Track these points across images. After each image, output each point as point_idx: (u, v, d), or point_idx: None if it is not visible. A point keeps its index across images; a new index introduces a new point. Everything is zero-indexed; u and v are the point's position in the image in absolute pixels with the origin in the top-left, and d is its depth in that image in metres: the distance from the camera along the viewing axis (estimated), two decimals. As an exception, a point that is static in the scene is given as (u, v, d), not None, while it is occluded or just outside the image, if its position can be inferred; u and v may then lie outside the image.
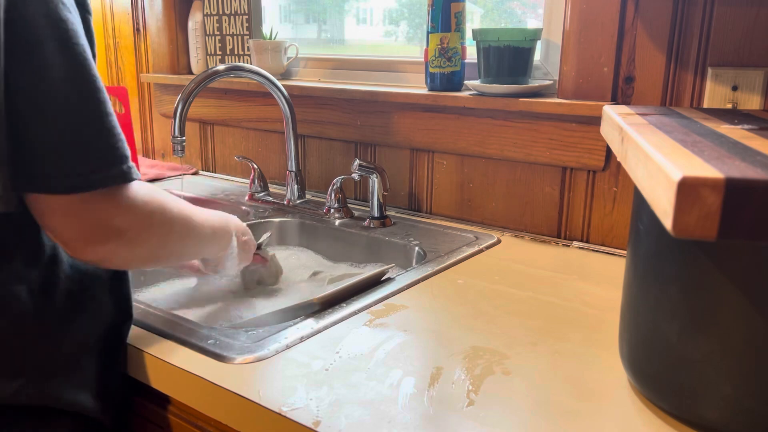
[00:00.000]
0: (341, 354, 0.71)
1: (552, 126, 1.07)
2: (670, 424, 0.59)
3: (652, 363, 0.59)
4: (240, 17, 1.51)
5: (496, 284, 0.91)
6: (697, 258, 0.53)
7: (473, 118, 1.15)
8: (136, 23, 1.71)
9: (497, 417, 0.59)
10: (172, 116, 1.13)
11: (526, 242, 1.11)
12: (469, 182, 1.20)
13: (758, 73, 0.90)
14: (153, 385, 0.72)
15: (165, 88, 1.66)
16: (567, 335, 0.76)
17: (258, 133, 1.51)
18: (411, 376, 0.66)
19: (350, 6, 1.63)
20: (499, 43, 1.10)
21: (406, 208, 1.30)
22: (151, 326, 0.77)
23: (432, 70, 1.18)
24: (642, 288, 0.60)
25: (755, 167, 0.43)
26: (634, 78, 1.00)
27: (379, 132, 1.28)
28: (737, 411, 0.54)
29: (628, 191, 1.03)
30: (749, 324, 0.52)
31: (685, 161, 0.44)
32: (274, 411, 0.60)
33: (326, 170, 1.40)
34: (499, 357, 0.70)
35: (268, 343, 0.72)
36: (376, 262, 1.12)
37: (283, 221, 1.25)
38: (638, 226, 0.61)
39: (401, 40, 1.56)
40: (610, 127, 0.67)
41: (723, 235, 0.41)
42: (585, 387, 0.65)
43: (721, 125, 0.61)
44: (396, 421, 0.58)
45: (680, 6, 0.95)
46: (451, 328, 0.77)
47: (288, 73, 1.51)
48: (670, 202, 0.42)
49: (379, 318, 0.80)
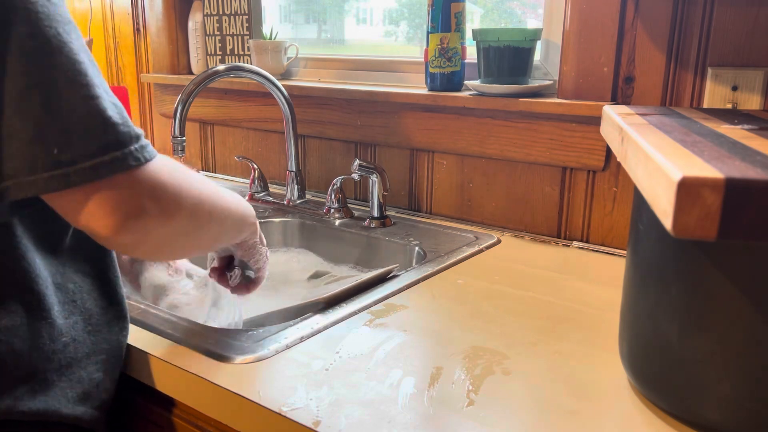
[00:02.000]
0: (341, 354, 0.71)
1: (552, 126, 1.07)
2: (670, 424, 0.59)
3: (652, 363, 0.59)
4: (240, 17, 1.51)
5: (496, 284, 0.91)
6: (697, 258, 0.53)
7: (473, 118, 1.15)
8: (136, 23, 1.71)
9: (497, 417, 0.59)
10: (172, 116, 1.13)
11: (526, 242, 1.11)
12: (469, 182, 1.20)
13: (758, 73, 0.90)
14: (152, 385, 0.72)
15: (165, 88, 1.66)
16: (567, 335, 0.76)
17: (258, 133, 1.51)
18: (411, 376, 0.66)
19: (350, 6, 1.63)
20: (499, 43, 1.10)
21: (406, 208, 1.30)
22: (150, 326, 0.77)
23: (432, 70, 1.18)
24: (642, 288, 0.60)
25: (755, 167, 0.43)
26: (634, 78, 1.00)
27: (379, 132, 1.29)
28: (737, 411, 0.54)
29: (628, 191, 1.03)
30: (749, 324, 0.51)
31: (685, 161, 0.44)
32: (274, 411, 0.60)
33: (326, 170, 1.40)
34: (499, 357, 0.70)
35: (268, 343, 0.72)
36: (376, 262, 1.12)
37: (284, 221, 1.25)
38: (638, 226, 0.61)
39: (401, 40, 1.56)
40: (610, 127, 0.67)
41: (723, 235, 0.41)
42: (585, 387, 0.65)
43: (721, 125, 0.61)
44: (396, 421, 0.58)
45: (680, 6, 0.95)
46: (451, 328, 0.77)
47: (288, 73, 1.51)
48: (670, 202, 0.42)
49: (379, 318, 0.80)
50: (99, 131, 0.56)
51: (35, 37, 0.55)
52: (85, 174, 0.55)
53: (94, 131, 0.56)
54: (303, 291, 1.03)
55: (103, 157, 0.56)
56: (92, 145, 0.56)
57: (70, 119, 0.56)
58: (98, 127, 0.56)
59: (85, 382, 0.68)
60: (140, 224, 0.58)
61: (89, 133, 0.56)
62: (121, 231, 0.58)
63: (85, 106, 0.56)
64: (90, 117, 0.56)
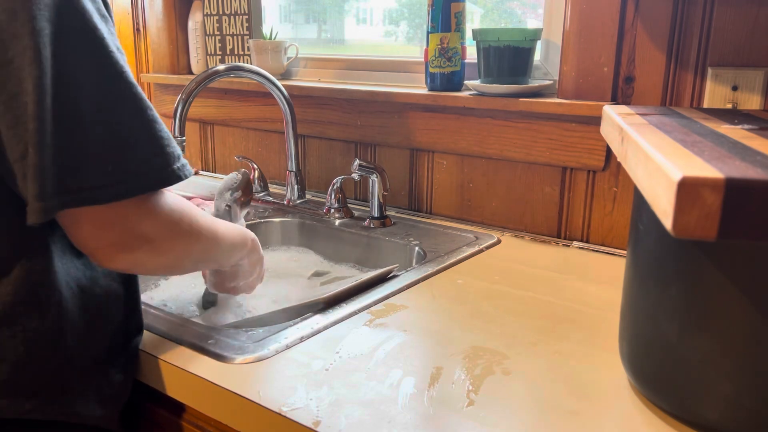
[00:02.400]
0: (341, 354, 0.71)
1: (552, 126, 1.07)
2: (670, 424, 0.59)
3: (652, 363, 0.59)
4: (240, 17, 1.51)
5: (496, 284, 0.91)
6: (697, 258, 0.53)
7: (473, 118, 1.15)
8: (136, 23, 1.71)
9: (497, 417, 0.59)
10: (172, 116, 1.13)
11: (526, 242, 1.11)
12: (469, 182, 1.20)
13: (758, 73, 0.90)
14: (152, 385, 0.72)
15: (165, 88, 1.66)
16: (567, 335, 0.76)
17: (258, 133, 1.51)
18: (411, 376, 0.66)
19: (350, 6, 1.63)
20: (499, 43, 1.10)
21: (406, 208, 1.30)
22: (150, 326, 0.77)
23: (432, 70, 1.18)
24: (642, 288, 0.60)
25: (755, 167, 0.43)
26: (634, 78, 1.00)
27: (379, 132, 1.28)
28: (737, 411, 0.54)
29: (628, 191, 1.03)
30: (749, 324, 0.51)
31: (685, 161, 0.44)
32: (274, 411, 0.60)
33: (326, 170, 1.40)
34: (499, 357, 0.70)
35: (268, 343, 0.72)
36: (376, 262, 1.12)
37: (284, 221, 1.25)
38: (638, 226, 0.61)
39: (401, 40, 1.56)
40: (610, 127, 0.67)
41: (723, 235, 0.41)
42: (585, 387, 0.65)
43: (721, 125, 0.61)
44: (396, 421, 0.58)
45: (680, 6, 0.95)
46: (451, 328, 0.77)
47: (288, 73, 1.51)
48: (670, 202, 0.42)
49: (379, 318, 0.80)
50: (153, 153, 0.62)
51: (100, 62, 0.59)
52: (138, 187, 0.61)
53: (150, 152, 0.62)
54: (303, 291, 1.03)
55: (147, 175, 0.61)
56: (145, 166, 0.61)
57: (129, 141, 0.61)
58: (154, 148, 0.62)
59: (105, 386, 0.69)
60: (140, 248, 0.63)
61: (146, 154, 0.61)
62: (120, 252, 0.63)
63: (145, 130, 0.62)
64: (149, 139, 0.62)
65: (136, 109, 0.61)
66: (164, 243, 0.65)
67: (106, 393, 0.69)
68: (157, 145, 0.62)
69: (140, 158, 0.61)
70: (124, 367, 0.71)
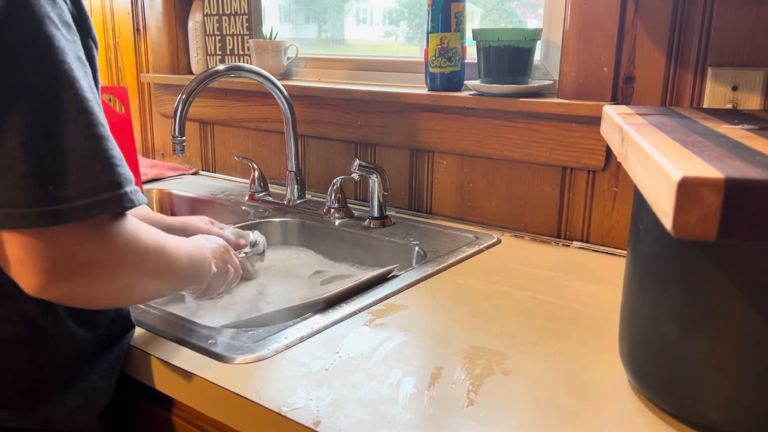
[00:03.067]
0: (341, 354, 0.71)
1: (552, 126, 1.07)
2: (670, 424, 0.59)
3: (652, 363, 0.59)
4: (240, 17, 1.51)
5: (496, 284, 0.91)
6: (697, 258, 0.53)
7: (473, 118, 1.15)
8: (136, 23, 1.71)
9: (497, 417, 0.59)
10: (172, 116, 1.13)
11: (526, 242, 1.11)
12: (469, 182, 1.20)
13: (758, 73, 0.90)
14: (152, 385, 0.72)
15: (165, 88, 1.66)
16: (567, 335, 0.76)
17: (258, 133, 1.51)
18: (411, 376, 0.66)
19: (350, 6, 1.63)
20: (499, 43, 1.10)
21: (406, 208, 1.30)
22: (150, 326, 0.77)
23: (432, 70, 1.18)
24: (642, 288, 0.60)
25: (755, 167, 0.43)
26: (634, 78, 1.00)
27: (379, 132, 1.28)
28: (737, 411, 0.54)
29: (628, 191, 1.03)
30: (749, 324, 0.51)
31: (685, 161, 0.44)
32: (274, 411, 0.60)
33: (326, 170, 1.40)
34: (499, 357, 0.70)
35: (268, 343, 0.72)
36: (376, 262, 1.12)
37: (284, 221, 1.25)
38: (638, 226, 0.61)
39: (401, 40, 1.56)
40: (610, 127, 0.67)
41: (723, 235, 0.41)
42: (585, 387, 0.65)
43: (721, 125, 0.61)
44: (396, 421, 0.58)
45: (680, 6, 0.95)
46: (451, 328, 0.77)
47: (288, 73, 1.51)
48: (670, 202, 0.42)
49: (379, 318, 0.80)
50: (98, 171, 0.55)
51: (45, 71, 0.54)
52: (77, 212, 0.54)
53: (93, 171, 0.55)
54: (303, 291, 1.03)
55: (97, 197, 0.55)
56: (88, 185, 0.54)
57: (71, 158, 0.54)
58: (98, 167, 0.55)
59: (86, 392, 0.68)
60: (76, 277, 0.56)
61: (88, 172, 0.55)
62: (52, 281, 0.56)
63: (88, 146, 0.55)
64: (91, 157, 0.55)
65: (82, 125, 0.55)
66: (107, 272, 0.58)
67: (85, 399, 0.68)
68: (104, 165, 0.56)
69: (81, 179, 0.54)
70: (109, 372, 0.70)
